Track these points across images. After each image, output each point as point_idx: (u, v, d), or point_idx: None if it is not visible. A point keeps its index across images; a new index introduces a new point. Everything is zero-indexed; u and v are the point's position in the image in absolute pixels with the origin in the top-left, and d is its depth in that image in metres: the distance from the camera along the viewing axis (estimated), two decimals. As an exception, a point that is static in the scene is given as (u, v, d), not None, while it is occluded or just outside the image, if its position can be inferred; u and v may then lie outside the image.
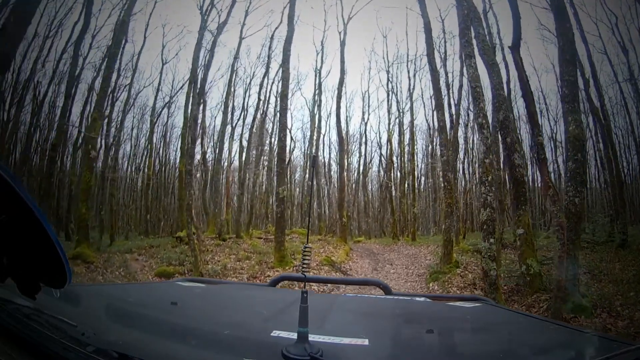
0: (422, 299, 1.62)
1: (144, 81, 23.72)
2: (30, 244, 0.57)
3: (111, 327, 0.89)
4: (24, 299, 0.64)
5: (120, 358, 0.62)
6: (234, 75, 19.50)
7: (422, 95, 24.47)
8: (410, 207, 21.84)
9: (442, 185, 10.49)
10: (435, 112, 10.99)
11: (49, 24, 13.93)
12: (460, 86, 17.74)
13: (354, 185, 28.41)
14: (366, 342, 0.84)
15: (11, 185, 0.51)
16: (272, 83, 20.87)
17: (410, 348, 0.92)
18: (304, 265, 0.88)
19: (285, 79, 10.90)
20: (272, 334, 0.84)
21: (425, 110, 25.44)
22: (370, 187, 29.97)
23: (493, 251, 6.11)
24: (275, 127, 26.25)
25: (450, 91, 18.57)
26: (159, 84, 19.26)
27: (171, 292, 1.49)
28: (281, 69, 11.41)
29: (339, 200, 17.59)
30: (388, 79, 24.80)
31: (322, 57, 22.32)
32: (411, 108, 23.00)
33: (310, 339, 0.70)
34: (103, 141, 17.66)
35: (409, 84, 23.51)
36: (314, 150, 22.14)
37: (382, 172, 26.87)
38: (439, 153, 15.13)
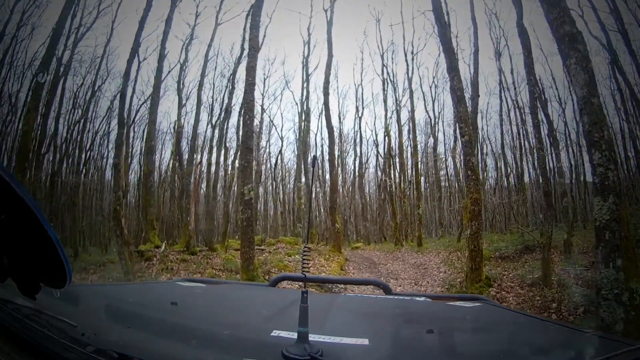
0: (422, 298, 1.62)
1: (119, 81, 22.54)
2: (30, 244, 0.57)
3: (111, 327, 0.89)
4: (24, 299, 0.64)
5: (120, 358, 0.62)
6: (209, 65, 18.02)
7: (420, 85, 22.53)
8: (415, 208, 20.03)
9: (466, 174, 8.00)
10: (449, 79, 8.78)
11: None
12: (476, 51, 15.09)
13: (350, 187, 27.32)
14: (366, 342, 0.84)
15: (11, 186, 0.51)
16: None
17: (410, 348, 0.92)
18: (304, 265, 0.88)
19: (253, 48, 9.46)
20: (272, 334, 0.84)
21: (425, 101, 23.25)
22: (367, 188, 28.83)
23: (621, 284, 3.78)
24: (263, 125, 24.20)
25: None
26: (135, 82, 17.99)
27: (171, 292, 1.49)
28: (248, 37, 9.63)
29: (330, 203, 14.92)
30: (383, 65, 22.38)
31: (309, 45, 20.91)
32: (410, 95, 20.77)
33: (310, 339, 0.71)
34: (78, 147, 16.80)
35: (407, 69, 21.18)
36: (301, 147, 20.59)
37: (379, 173, 25.59)
38: (458, 134, 11.85)
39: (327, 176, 22.82)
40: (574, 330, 1.13)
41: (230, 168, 19.95)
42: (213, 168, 18.95)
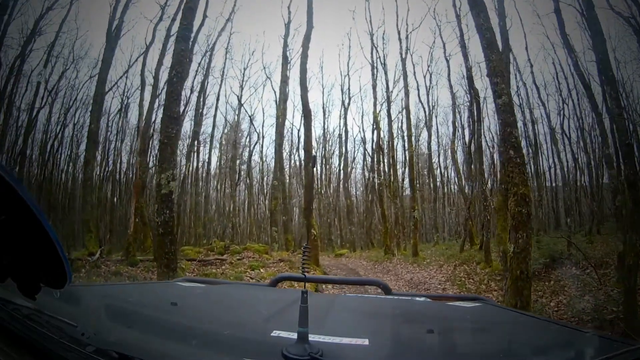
0: (422, 298, 1.63)
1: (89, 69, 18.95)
2: (30, 244, 0.57)
3: (111, 327, 0.89)
4: (24, 299, 0.64)
5: (120, 358, 0.62)
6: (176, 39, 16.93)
7: (414, 73, 20.33)
8: (408, 210, 18.46)
9: (507, 155, 5.24)
10: (473, 17, 6.34)
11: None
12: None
13: (334, 187, 26.00)
14: (366, 342, 0.84)
15: (11, 185, 0.51)
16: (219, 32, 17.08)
17: (410, 348, 0.93)
18: (304, 265, 0.88)
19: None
20: (272, 334, 0.84)
21: (418, 91, 21.20)
22: (354, 190, 27.36)
23: None
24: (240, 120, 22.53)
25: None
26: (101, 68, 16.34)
27: (171, 292, 1.50)
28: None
29: (305, 204, 12.29)
30: (373, 45, 20.26)
31: (289, 27, 18.76)
32: (404, 78, 18.42)
33: (310, 339, 0.71)
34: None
35: (400, 47, 19.07)
36: (278, 138, 18.27)
37: (367, 173, 24.14)
38: (489, 92, 8.92)
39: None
40: (574, 330, 1.13)
41: (203, 165, 19.18)
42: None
